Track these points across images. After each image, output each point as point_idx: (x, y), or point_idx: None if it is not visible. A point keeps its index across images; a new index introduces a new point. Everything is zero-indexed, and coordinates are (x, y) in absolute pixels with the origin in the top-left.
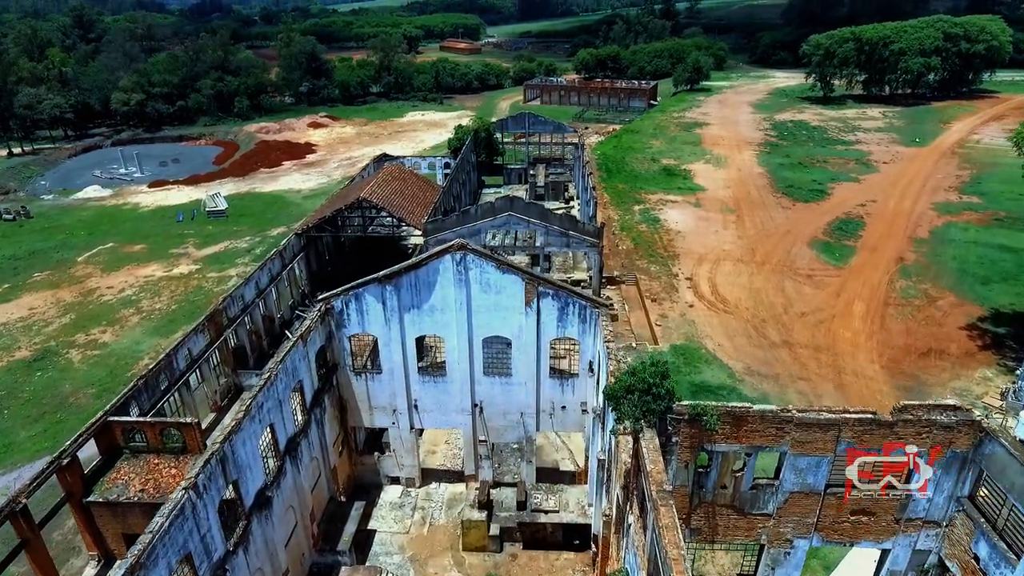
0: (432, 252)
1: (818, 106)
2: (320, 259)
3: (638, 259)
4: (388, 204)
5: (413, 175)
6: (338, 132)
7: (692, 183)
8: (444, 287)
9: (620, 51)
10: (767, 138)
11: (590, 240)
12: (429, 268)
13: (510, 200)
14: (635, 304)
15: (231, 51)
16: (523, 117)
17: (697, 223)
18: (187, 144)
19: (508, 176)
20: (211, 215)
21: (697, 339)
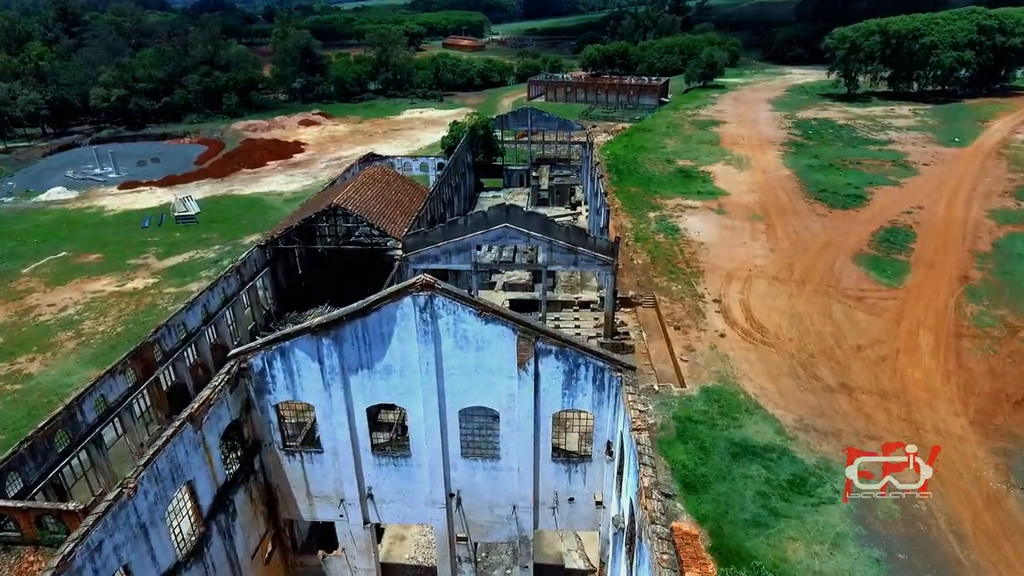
0: (385, 294)
1: (842, 103)
2: (290, 274)
3: (656, 276)
4: (366, 212)
5: (399, 178)
6: (330, 130)
7: (712, 186)
8: (404, 341)
9: (628, 47)
10: (791, 137)
11: (602, 258)
12: (381, 315)
13: (505, 209)
14: (654, 331)
15: (221, 45)
16: (525, 113)
17: (722, 233)
18: (170, 143)
19: (509, 178)
20: (180, 220)
21: (733, 380)
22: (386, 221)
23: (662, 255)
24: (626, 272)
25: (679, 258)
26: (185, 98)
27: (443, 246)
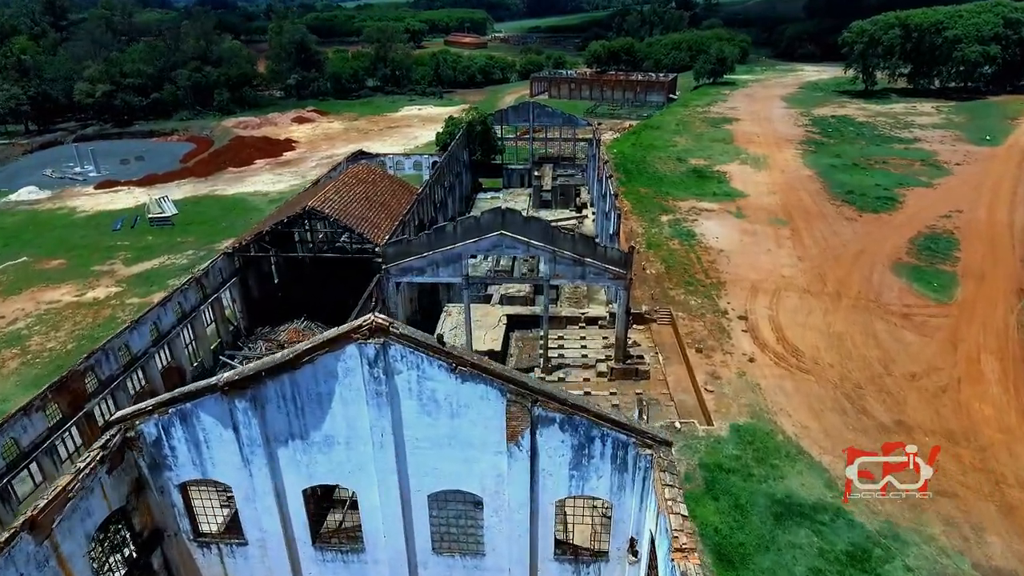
0: (319, 341)
1: (859, 100)
2: (265, 284)
3: (672, 287)
4: (346, 215)
5: (387, 178)
6: (324, 128)
7: (729, 187)
8: (349, 404)
9: (634, 43)
10: (809, 135)
11: (614, 271)
12: (317, 370)
13: (501, 215)
14: (672, 353)
15: (214, 40)
16: (527, 107)
17: (743, 238)
18: (158, 140)
19: (508, 178)
20: (154, 223)
21: (768, 415)
22: (369, 226)
23: (678, 264)
24: (638, 283)
25: (697, 267)
26: (174, 94)
27: (429, 256)
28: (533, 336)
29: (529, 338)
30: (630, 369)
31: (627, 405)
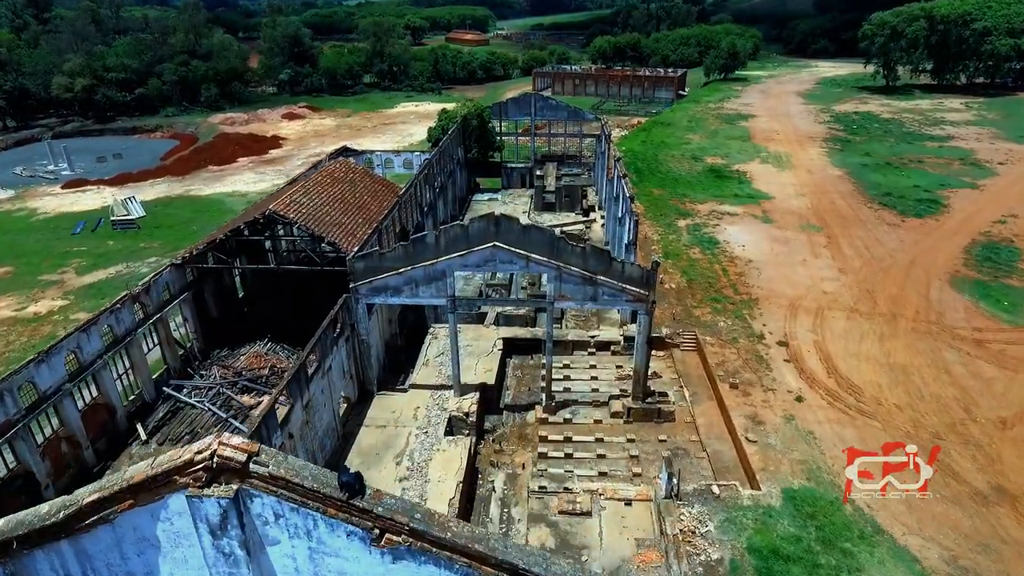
0: (118, 484)
1: (881, 96)
2: (226, 299)
3: (696, 305)
4: (315, 221)
5: (368, 177)
6: (315, 124)
7: (752, 188)
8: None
9: (641, 39)
10: (832, 132)
11: (633, 291)
12: (120, 536)
13: (494, 223)
14: (700, 387)
15: (203, 33)
16: (528, 100)
17: (773, 247)
18: (140, 137)
19: (508, 177)
20: (117, 226)
21: (829, 477)
22: (343, 232)
23: (701, 276)
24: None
25: (723, 281)
26: (159, 89)
27: (407, 273)
28: (534, 363)
29: (529, 366)
30: (651, 409)
31: (649, 456)
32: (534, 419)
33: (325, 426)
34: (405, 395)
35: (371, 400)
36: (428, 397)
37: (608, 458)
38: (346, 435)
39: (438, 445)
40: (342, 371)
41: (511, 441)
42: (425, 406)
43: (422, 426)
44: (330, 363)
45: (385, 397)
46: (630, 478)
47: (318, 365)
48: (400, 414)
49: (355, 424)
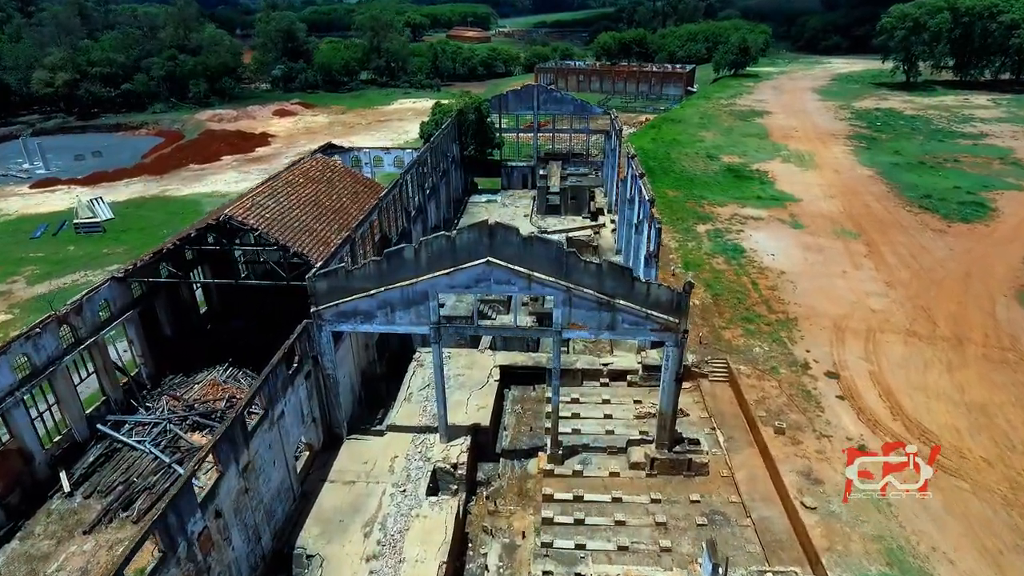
0: None
1: (901, 92)
2: (185, 315)
3: (725, 325)
4: (279, 227)
5: (349, 176)
6: (307, 121)
7: (775, 190)
8: None
9: (647, 34)
10: (855, 129)
11: (660, 319)
12: None
13: (488, 233)
14: (737, 430)
15: (193, 27)
16: (530, 92)
17: (806, 256)
18: (124, 134)
19: (508, 177)
20: (80, 229)
21: (917, 562)
22: (314, 240)
23: (728, 291)
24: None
25: (754, 296)
26: (146, 84)
27: (380, 295)
28: (536, 396)
29: (531, 399)
30: (680, 460)
31: (679, 523)
32: (537, 469)
33: (275, 487)
34: (381, 439)
35: (339, 446)
36: (409, 442)
37: (629, 525)
38: (306, 494)
39: (418, 509)
40: (300, 415)
41: (509, 498)
42: (405, 454)
43: (399, 482)
44: (283, 408)
45: (357, 442)
46: (657, 555)
47: (265, 414)
48: (373, 465)
49: (318, 479)
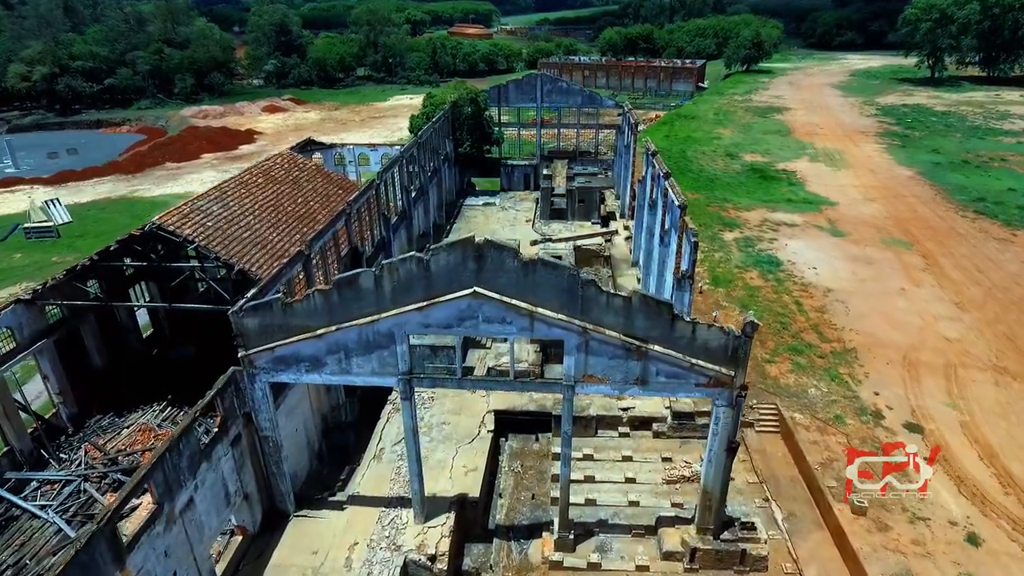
0: None
1: (926, 88)
2: (121, 342)
3: (769, 358)
4: (220, 238)
5: (322, 176)
6: (297, 118)
7: (807, 192)
8: None
9: (654, 29)
10: (884, 126)
11: (710, 370)
12: None
13: (475, 253)
14: (800, 502)
15: (182, 20)
16: (533, 82)
17: (855, 270)
18: (105, 131)
19: (508, 177)
20: (31, 234)
21: None
22: (267, 255)
23: (768, 313)
24: None
25: (800, 320)
26: (130, 79)
27: (329, 336)
28: (540, 449)
29: (533, 453)
30: (730, 552)
31: None
32: (540, 558)
33: None
34: (340, 516)
35: (284, 526)
36: (375, 521)
37: None
38: None
39: None
40: (224, 495)
41: None
42: (368, 539)
43: None
44: (192, 496)
45: (307, 522)
46: None
47: (158, 511)
48: (324, 558)
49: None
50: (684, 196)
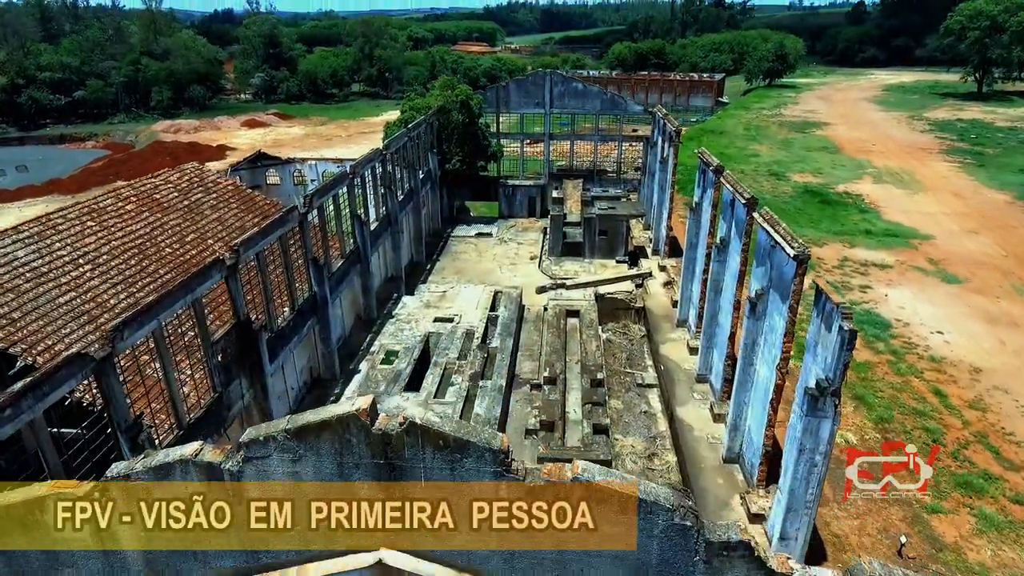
0: None
1: (976, 103)
2: None
3: (935, 507)
4: (8, 307)
5: (241, 199)
6: (278, 133)
7: (885, 221)
8: None
9: (666, 44)
10: (947, 143)
11: None
12: None
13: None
14: None
15: (164, 31)
16: (541, 80)
17: (1000, 335)
18: (68, 147)
19: (509, 201)
20: None
21: None
22: (94, 331)
23: (900, 410)
24: None
25: (953, 425)
26: (100, 91)
27: None
28: None
29: None
30: None
31: None
32: None
33: None
34: None
35: None
36: None
37: None
38: None
39: None
40: None
41: None
42: None
43: None
44: None
45: None
46: None
47: None
48: None
49: None
50: (802, 244)
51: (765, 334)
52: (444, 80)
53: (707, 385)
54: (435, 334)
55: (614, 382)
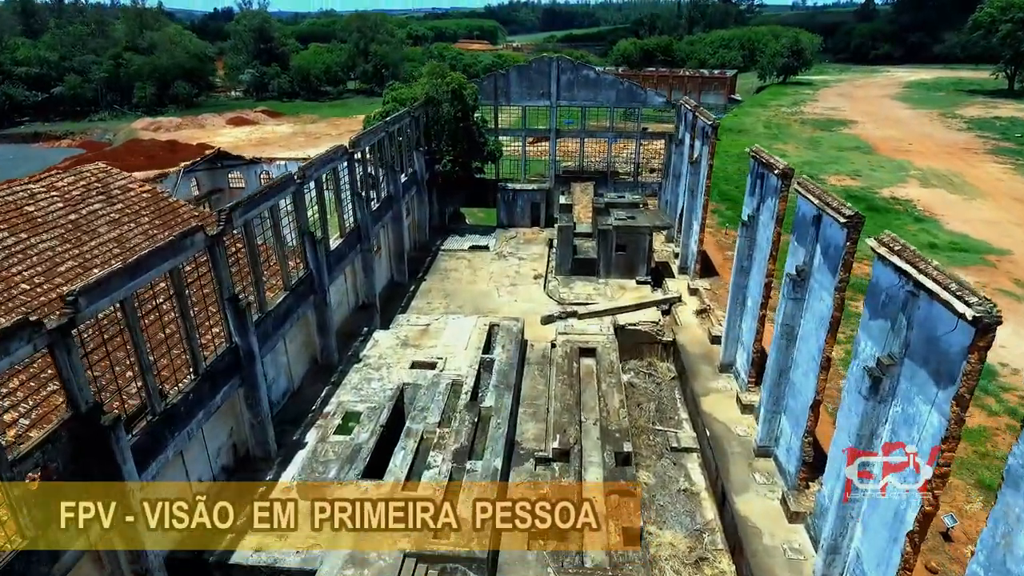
0: None
1: (1008, 100)
2: None
3: None
4: None
5: (156, 211)
6: (264, 131)
7: (946, 231)
8: None
9: (672, 41)
10: (989, 142)
11: None
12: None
13: None
14: None
15: (150, 25)
16: (546, 67)
17: None
18: (41, 145)
19: (508, 209)
20: None
21: None
22: None
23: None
24: None
25: None
26: (78, 87)
27: None
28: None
29: None
30: None
31: None
32: None
33: None
34: None
35: None
36: None
37: None
38: None
39: None
40: None
41: None
42: None
43: None
44: None
45: None
46: None
47: None
48: None
49: None
50: (985, 301)
51: (895, 425)
52: (432, 66)
53: (772, 461)
54: (412, 386)
55: (641, 444)
